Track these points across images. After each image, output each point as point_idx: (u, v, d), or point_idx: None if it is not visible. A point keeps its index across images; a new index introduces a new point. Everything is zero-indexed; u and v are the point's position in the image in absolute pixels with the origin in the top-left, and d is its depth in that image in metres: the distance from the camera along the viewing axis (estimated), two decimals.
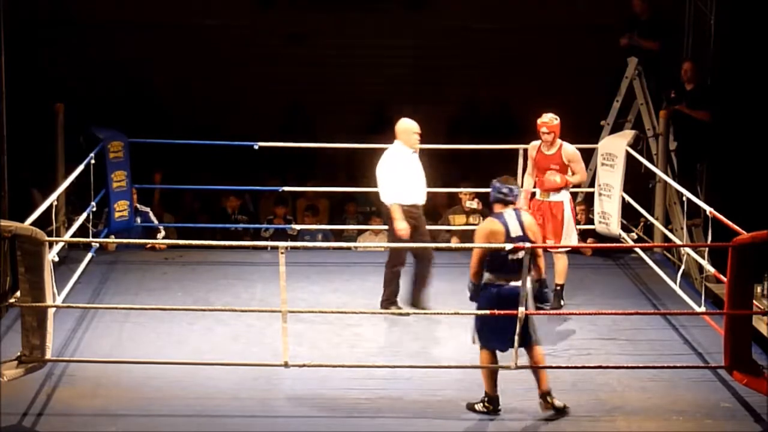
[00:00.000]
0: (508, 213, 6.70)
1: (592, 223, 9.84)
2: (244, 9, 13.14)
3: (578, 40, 12.41)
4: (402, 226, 8.02)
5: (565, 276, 8.37)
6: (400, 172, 8.11)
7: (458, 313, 7.88)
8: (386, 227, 10.43)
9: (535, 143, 8.42)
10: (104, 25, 12.68)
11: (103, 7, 12.72)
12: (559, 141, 8.32)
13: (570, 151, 8.30)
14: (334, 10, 13.08)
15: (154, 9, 12.73)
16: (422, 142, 9.05)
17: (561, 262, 8.39)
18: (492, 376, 6.65)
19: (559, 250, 8.28)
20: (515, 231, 6.65)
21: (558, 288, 8.33)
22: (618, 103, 10.55)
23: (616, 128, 10.44)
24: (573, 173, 8.28)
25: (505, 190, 6.71)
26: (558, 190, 8.26)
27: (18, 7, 9.52)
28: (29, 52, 11.98)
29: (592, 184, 10.13)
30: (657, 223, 9.55)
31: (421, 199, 8.22)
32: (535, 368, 6.65)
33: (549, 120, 8.31)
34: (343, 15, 13.08)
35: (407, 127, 8.20)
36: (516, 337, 6.53)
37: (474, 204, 10.40)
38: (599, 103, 10.84)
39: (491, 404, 6.64)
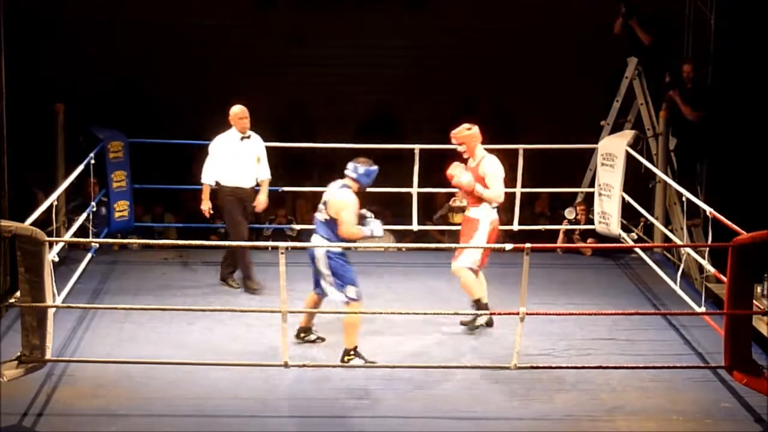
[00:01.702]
0: (335, 184, 7.35)
1: (592, 223, 9.85)
2: (244, 9, 13.13)
3: (578, 40, 12.40)
4: (203, 207, 8.79)
5: (472, 291, 7.79)
6: (222, 155, 8.73)
7: (457, 313, 7.91)
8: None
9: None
10: (104, 24, 12.67)
11: (103, 7, 12.71)
12: (482, 154, 7.81)
13: (486, 164, 7.74)
14: (334, 10, 13.08)
15: (154, 9, 12.72)
16: (422, 141, 9.09)
17: (462, 280, 7.81)
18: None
19: (461, 264, 7.77)
20: (324, 198, 7.37)
21: (473, 304, 7.84)
22: (618, 103, 10.55)
23: (616, 128, 10.44)
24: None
25: (349, 166, 7.33)
26: (477, 203, 7.78)
27: (18, 7, 9.52)
28: (29, 52, 11.96)
29: (592, 184, 10.14)
30: (657, 223, 9.55)
31: (245, 182, 8.77)
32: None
33: (458, 131, 7.78)
34: (343, 15, 13.07)
35: (234, 112, 8.77)
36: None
37: (464, 202, 10.35)
38: (599, 103, 10.84)
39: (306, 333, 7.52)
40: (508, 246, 7.66)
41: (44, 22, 12.48)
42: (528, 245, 6.74)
